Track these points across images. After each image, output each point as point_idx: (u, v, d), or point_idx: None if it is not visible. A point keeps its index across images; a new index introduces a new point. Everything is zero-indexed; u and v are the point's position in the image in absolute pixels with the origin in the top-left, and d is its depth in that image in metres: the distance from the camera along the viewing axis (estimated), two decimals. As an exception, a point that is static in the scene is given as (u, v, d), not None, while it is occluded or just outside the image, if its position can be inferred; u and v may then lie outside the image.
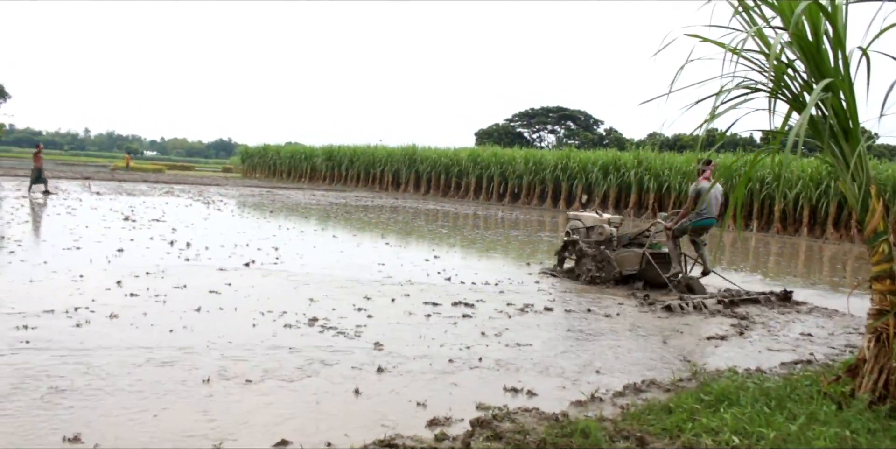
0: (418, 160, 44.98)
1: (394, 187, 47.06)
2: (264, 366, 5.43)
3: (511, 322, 7.64)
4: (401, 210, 27.58)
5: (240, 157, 74.35)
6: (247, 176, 66.63)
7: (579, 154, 36.12)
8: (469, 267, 11.80)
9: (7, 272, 8.78)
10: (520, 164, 37.77)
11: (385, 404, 4.73)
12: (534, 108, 79.07)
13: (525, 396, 5.07)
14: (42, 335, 5.94)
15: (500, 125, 79.63)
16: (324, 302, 8.02)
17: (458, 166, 41.84)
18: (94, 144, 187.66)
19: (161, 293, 7.96)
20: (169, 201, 24.48)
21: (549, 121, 78.52)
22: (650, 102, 5.10)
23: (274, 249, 12.53)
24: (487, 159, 39.94)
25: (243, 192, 35.67)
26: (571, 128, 78.04)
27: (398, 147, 48.10)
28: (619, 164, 33.22)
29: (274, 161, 63.28)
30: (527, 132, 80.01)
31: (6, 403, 4.33)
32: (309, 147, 59.67)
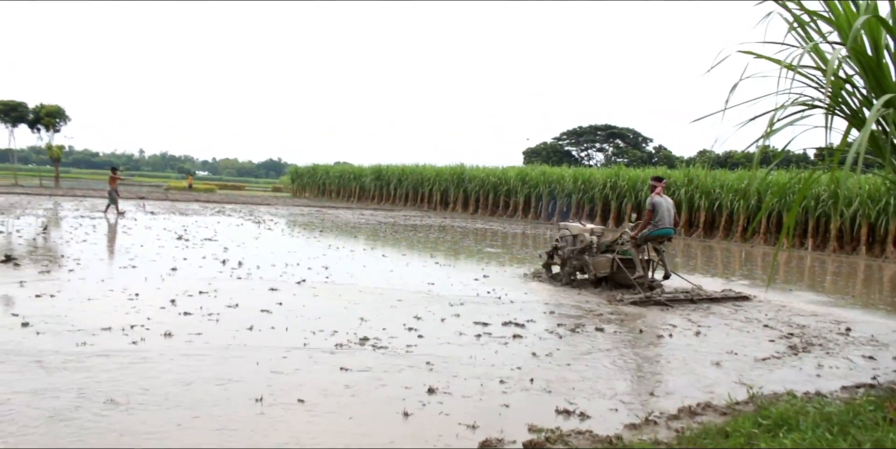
0: (466, 179, 45.04)
1: (442, 206, 47.16)
2: (315, 385, 5.45)
3: (562, 343, 7.55)
4: (449, 229, 27.60)
5: (289, 176, 75.40)
6: (296, 195, 67.43)
7: (628, 172, 35.81)
8: (519, 287, 11.71)
9: (66, 290, 8.97)
10: (568, 182, 37.57)
11: (435, 426, 4.70)
12: (582, 127, 78.84)
13: (577, 418, 5.00)
14: (100, 352, 6.04)
15: (549, 144, 79.49)
16: (374, 321, 8.03)
17: (506, 185, 41.79)
18: (148, 165, 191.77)
19: (214, 312, 8.06)
20: (220, 221, 24.84)
21: (598, 139, 78.16)
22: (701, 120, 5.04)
23: (324, 268, 12.61)
24: (536, 178, 39.81)
25: (293, 211, 36.04)
26: (620, 146, 77.54)
27: (446, 166, 48.25)
28: (669, 183, 32.82)
29: (323, 181, 63.97)
30: (575, 150, 79.71)
31: (68, 413, 4.41)
32: (358, 167, 60.21)
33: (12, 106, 53.25)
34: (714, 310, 10.37)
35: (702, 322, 9.24)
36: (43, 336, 6.56)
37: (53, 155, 56.71)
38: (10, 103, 53.28)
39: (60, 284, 9.39)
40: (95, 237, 16.19)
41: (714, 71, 5.08)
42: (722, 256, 22.38)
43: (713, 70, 5.08)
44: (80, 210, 26.19)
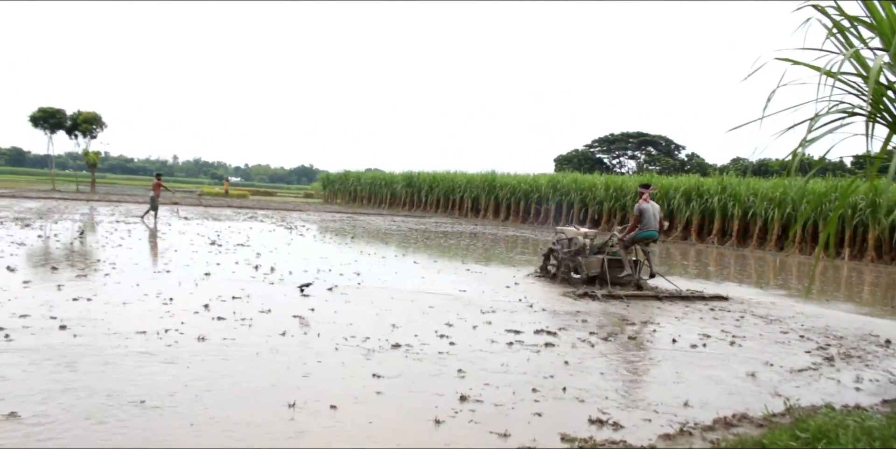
0: (497, 186, 45.02)
1: (473, 213, 47.17)
2: (347, 391, 5.45)
3: (595, 351, 7.49)
4: (480, 236, 27.57)
5: (321, 183, 75.87)
6: (328, 202, 67.83)
7: (661, 180, 35.59)
8: (551, 295, 11.65)
9: (102, 294, 9.09)
10: (600, 190, 37.39)
11: (466, 434, 4.68)
12: (613, 134, 78.45)
13: (610, 428, 4.95)
14: (134, 355, 6.11)
15: (580, 151, 79.20)
16: (406, 328, 8.03)
17: (537, 193, 41.69)
18: (181, 171, 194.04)
19: (247, 317, 8.11)
20: (253, 226, 25.03)
21: (630, 146, 77.73)
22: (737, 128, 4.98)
23: (356, 274, 12.65)
24: (567, 185, 39.69)
25: (325, 217, 36.22)
26: (652, 153, 77.02)
27: (477, 173, 48.28)
28: (702, 191, 32.55)
29: (354, 187, 64.29)
30: (606, 158, 79.34)
31: (101, 414, 4.46)
32: (389, 173, 60.43)
33: (51, 112, 54.20)
34: (749, 320, 10.23)
35: (736, 332, 9.12)
36: (80, 338, 6.64)
37: (90, 161, 57.58)
38: (49, 110, 54.25)
39: (97, 288, 9.51)
40: (130, 242, 16.39)
41: (751, 78, 5.01)
42: (756, 265, 22.12)
43: (749, 76, 5.02)
44: (116, 215, 26.54)
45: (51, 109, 54.22)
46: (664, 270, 16.97)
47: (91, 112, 55.19)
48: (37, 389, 5.09)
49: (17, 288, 9.18)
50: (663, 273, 14.48)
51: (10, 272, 10.52)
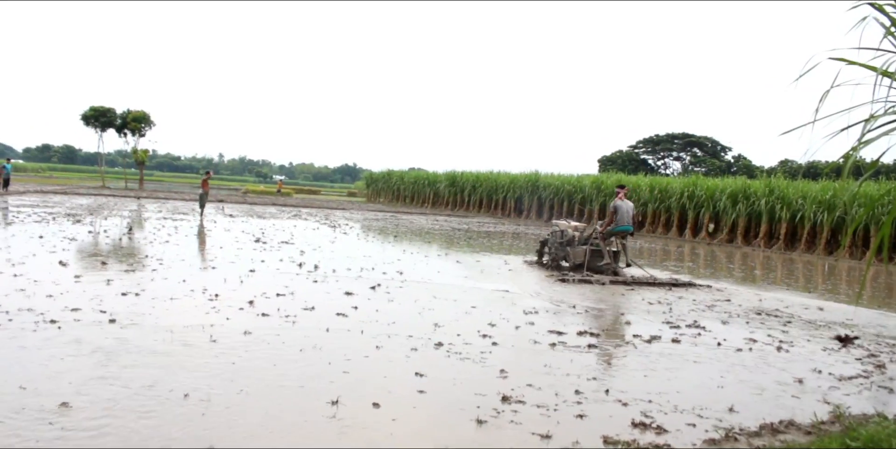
0: (541, 187, 44.86)
1: (516, 214, 47.07)
2: (390, 389, 5.47)
3: (638, 353, 7.43)
4: (523, 237, 27.48)
5: (364, 181, 76.30)
6: (371, 200, 68.18)
7: (706, 181, 35.13)
8: (593, 296, 11.57)
9: (150, 289, 9.24)
10: (644, 191, 37.05)
11: (508, 434, 4.66)
12: (658, 135, 77.68)
13: (653, 431, 4.89)
14: (180, 350, 6.20)
15: (624, 152, 78.57)
16: (449, 327, 8.04)
17: (580, 193, 41.45)
18: (227, 169, 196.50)
19: (291, 314, 8.18)
20: (297, 224, 25.25)
21: (675, 147, 76.88)
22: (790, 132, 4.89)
23: (399, 273, 12.69)
24: (611, 186, 39.36)
25: (368, 216, 36.42)
26: (698, 155, 76.10)
27: (521, 173, 48.18)
28: (749, 193, 32.03)
29: (398, 186, 64.53)
30: (651, 159, 78.60)
31: (147, 407, 4.53)
32: (432, 173, 60.55)
33: (102, 111, 55.28)
34: (797, 324, 10.05)
35: (783, 337, 8.96)
36: (128, 332, 6.78)
37: (138, 158, 58.64)
38: (100, 109, 55.33)
39: (144, 283, 9.67)
40: (177, 238, 16.65)
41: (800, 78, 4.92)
42: (804, 270, 21.72)
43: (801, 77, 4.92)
44: (163, 212, 26.99)
45: (102, 108, 55.32)
46: (709, 271, 16.78)
47: (140, 111, 56.20)
48: (86, 380, 5.20)
49: (68, 282, 9.38)
50: (649, 266, 16.47)
51: (62, 267, 10.75)
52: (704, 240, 33.03)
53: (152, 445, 4.10)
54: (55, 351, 5.99)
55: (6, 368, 5.44)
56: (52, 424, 4.30)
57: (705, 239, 33.16)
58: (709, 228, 34.00)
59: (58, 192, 39.45)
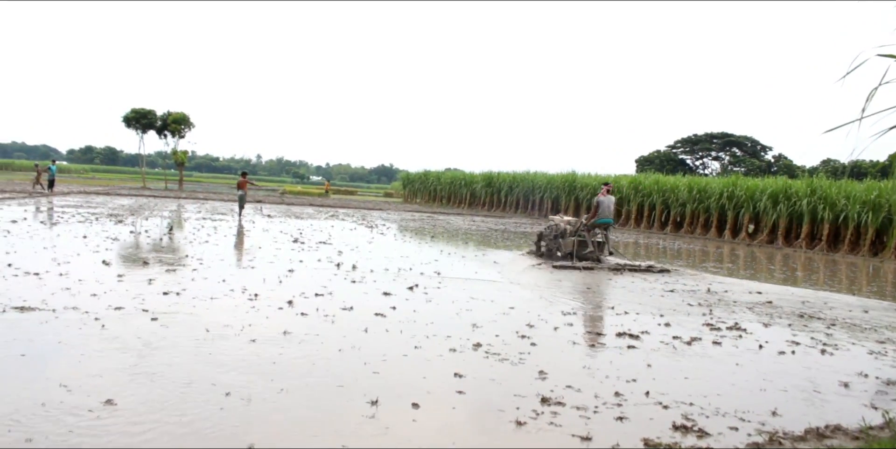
0: (578, 187, 44.62)
1: (553, 214, 46.85)
2: (429, 390, 5.47)
3: (678, 355, 7.35)
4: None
5: (401, 182, 76.54)
6: (407, 201, 68.34)
7: (746, 182, 34.66)
8: (633, 298, 11.47)
9: (191, 289, 9.35)
10: (683, 191, 36.68)
11: (548, 436, 4.63)
12: (697, 134, 76.93)
13: (695, 435, 4.83)
14: (221, 349, 6.27)
15: (662, 152, 77.93)
16: (487, 328, 8.02)
17: (618, 194, 41.16)
18: (264, 169, 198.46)
19: (330, 314, 8.23)
20: (334, 224, 25.40)
21: (714, 147, 76.07)
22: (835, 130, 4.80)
23: (436, 273, 12.71)
24: (649, 187, 39.08)
25: (405, 216, 36.51)
26: (737, 154, 75.23)
27: (558, 174, 47.99)
28: (790, 193, 31.51)
29: (434, 187, 64.61)
30: (689, 159, 77.84)
31: (187, 402, 4.58)
32: (469, 173, 60.54)
33: (143, 113, 56.13)
34: (841, 327, 9.87)
35: (827, 341, 8.80)
36: (169, 331, 6.86)
37: (178, 159, 59.46)
38: (141, 111, 56.19)
39: (185, 283, 9.79)
40: (216, 238, 16.84)
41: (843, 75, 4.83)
42: (847, 271, 21.33)
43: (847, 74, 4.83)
44: (202, 212, 27.31)
45: (143, 110, 56.19)
46: (749, 272, 16.53)
47: (180, 113, 56.99)
48: (129, 378, 5.28)
49: (111, 281, 9.53)
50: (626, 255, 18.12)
51: (105, 266, 10.93)
52: (744, 241, 32.61)
53: (195, 442, 4.14)
54: (99, 349, 6.09)
55: (51, 365, 5.54)
56: (98, 421, 4.36)
57: (745, 240, 32.74)
58: (748, 228, 33.56)
59: (100, 192, 40.14)
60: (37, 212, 22.64)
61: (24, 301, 7.83)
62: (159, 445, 4.08)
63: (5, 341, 6.13)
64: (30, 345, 6.09)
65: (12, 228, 16.21)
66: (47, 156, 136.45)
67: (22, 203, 26.67)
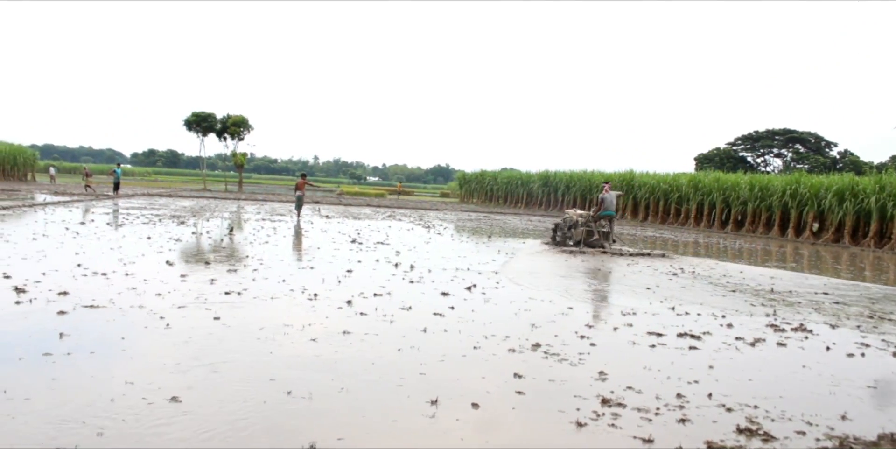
0: (636, 186, 44.11)
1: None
2: (489, 390, 5.46)
3: (742, 356, 7.20)
4: (617, 238, 27.06)
5: (457, 182, 76.58)
6: (464, 201, 68.37)
7: (810, 179, 33.82)
8: (693, 298, 11.29)
9: (251, 288, 9.49)
10: (744, 189, 35.96)
11: (608, 438, 4.58)
12: (758, 131, 75.34)
13: (760, 438, 4.73)
14: (282, 348, 6.34)
15: (722, 149, 76.51)
16: (545, 328, 7.98)
17: (677, 192, 40.57)
18: (321, 171, 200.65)
19: (388, 313, 8.28)
20: (392, 225, 25.55)
21: (776, 144, 74.45)
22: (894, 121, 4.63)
23: (494, 273, 12.68)
24: (709, 185, 38.42)
25: (461, 216, 36.54)
26: (800, 151, 73.49)
27: (615, 172, 47.53)
28: (857, 190, 30.62)
29: (490, 186, 64.54)
30: (750, 156, 76.30)
31: (250, 404, 4.65)
32: (525, 173, 60.34)
33: (203, 117, 57.26)
34: (911, 328, 9.57)
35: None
36: (231, 330, 6.98)
37: (238, 161, 60.48)
38: (202, 114, 57.33)
39: (246, 283, 9.94)
40: (276, 239, 17.07)
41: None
42: (918, 271, 20.65)
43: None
44: (262, 213, 27.73)
45: (203, 114, 57.32)
46: (815, 272, 16.13)
47: (239, 115, 57.98)
48: (193, 376, 5.38)
49: (175, 281, 9.73)
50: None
51: (168, 266, 11.18)
52: (808, 239, 31.84)
53: (257, 440, 4.19)
54: (163, 346, 6.23)
55: (118, 362, 5.68)
56: (164, 417, 4.45)
57: (809, 239, 31.97)
58: (813, 227, 32.76)
59: (163, 194, 41.05)
60: (103, 214, 23.25)
61: (92, 300, 8.05)
62: (222, 441, 4.15)
63: (76, 339, 6.31)
64: (98, 342, 6.27)
65: (81, 229, 16.68)
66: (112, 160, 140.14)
67: (89, 206, 27.42)
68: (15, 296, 8.09)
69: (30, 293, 8.30)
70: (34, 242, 13.57)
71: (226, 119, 57.78)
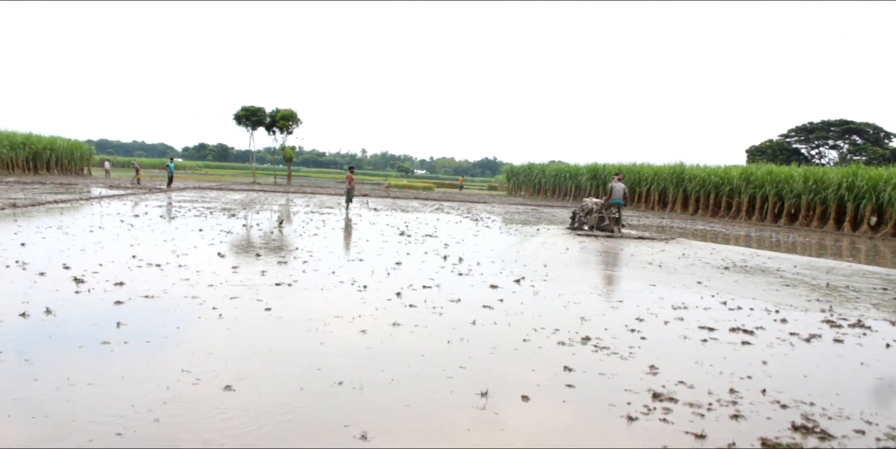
0: (686, 178, 43.49)
1: (660, 206, 45.89)
2: (538, 382, 5.44)
3: (796, 352, 7.06)
4: (668, 230, 26.74)
5: (505, 175, 76.34)
6: (512, 194, 68.17)
7: (868, 171, 32.93)
8: (745, 293, 11.09)
9: (302, 280, 9.59)
10: (798, 182, 35.18)
11: (660, 433, 4.53)
12: (813, 122, 73.74)
13: (817, 436, 4.62)
14: (332, 339, 6.40)
15: (775, 141, 75.10)
16: (595, 321, 7.92)
17: (728, 185, 39.89)
18: (369, 164, 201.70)
19: (437, 306, 8.29)
20: (440, 218, 25.60)
21: (831, 135, 72.79)
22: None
23: (543, 266, 12.63)
24: (762, 178, 37.66)
25: (509, 209, 36.46)
26: (857, 142, 71.74)
27: (665, 165, 46.89)
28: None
29: (538, 179, 64.20)
30: (804, 148, 74.75)
31: (301, 390, 4.70)
32: (573, 165, 59.85)
33: (252, 111, 57.92)
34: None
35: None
36: (282, 321, 7.06)
37: (286, 155, 61.07)
38: (251, 108, 58.00)
39: (296, 275, 10.04)
40: (325, 231, 17.22)
41: None
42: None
43: None
44: (311, 206, 28.00)
45: (252, 108, 57.99)
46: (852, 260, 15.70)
47: (288, 109, 58.53)
48: (245, 365, 5.47)
49: (227, 273, 9.88)
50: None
51: (220, 258, 11.34)
52: (865, 233, 31.06)
53: (309, 429, 4.24)
54: (216, 336, 6.33)
55: (173, 351, 5.78)
56: (218, 405, 4.52)
57: (866, 232, 31.18)
58: (871, 220, 31.97)
59: (213, 188, 41.66)
60: (156, 207, 23.69)
61: (147, 290, 8.21)
62: (275, 429, 4.20)
63: (132, 328, 6.45)
64: (153, 331, 6.39)
65: (135, 222, 17.02)
66: (165, 154, 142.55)
67: (142, 199, 27.97)
68: (74, 286, 8.30)
69: (88, 284, 8.50)
70: (91, 234, 13.88)
71: (275, 113, 58.37)
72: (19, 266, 9.51)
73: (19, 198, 23.20)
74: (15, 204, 20.06)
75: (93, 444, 3.88)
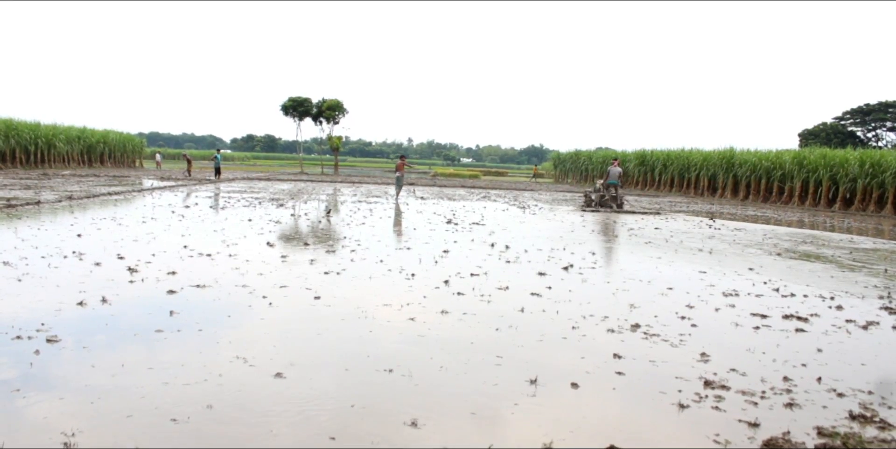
0: (736, 164, 42.76)
1: (710, 192, 45.23)
2: (588, 370, 5.41)
3: (852, 339, 6.91)
4: (717, 216, 26.33)
5: (552, 162, 75.91)
6: (558, 181, 67.76)
7: (927, 154, 32.02)
8: (799, 279, 10.87)
9: (350, 269, 9.66)
10: (853, 166, 34.33)
11: (712, 421, 4.47)
12: (869, 104, 71.93)
13: (875, 426, 4.51)
14: (381, 326, 6.43)
15: (829, 124, 73.41)
16: (645, 308, 7.84)
17: (780, 170, 39.10)
18: (415, 152, 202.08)
19: (485, 293, 8.28)
20: (486, 206, 25.56)
21: (889, 117, 70.87)
22: None
23: (591, 253, 12.53)
24: (815, 162, 36.83)
25: (556, 197, 36.25)
26: (917, 125, 69.74)
27: (714, 150, 46.17)
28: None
29: (585, 166, 63.77)
30: (860, 131, 72.95)
31: (351, 377, 4.73)
32: (621, 152, 59.30)
33: (299, 102, 58.37)
34: None
35: None
36: (332, 309, 7.13)
37: (333, 145, 61.49)
38: (298, 99, 58.45)
39: (344, 263, 10.11)
40: (372, 220, 17.30)
41: None
42: None
43: None
44: (358, 195, 28.15)
45: (299, 99, 58.44)
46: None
47: (334, 100, 58.86)
48: (297, 352, 5.54)
49: (276, 262, 9.99)
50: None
51: (269, 247, 11.47)
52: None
53: (360, 415, 4.27)
54: (267, 324, 6.41)
55: (225, 339, 5.86)
56: (271, 391, 4.59)
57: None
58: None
59: (261, 178, 42.14)
60: (206, 198, 24.03)
61: (199, 280, 8.34)
62: (327, 415, 4.24)
63: (185, 316, 6.56)
64: (205, 320, 6.50)
65: (186, 212, 17.29)
66: (213, 145, 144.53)
67: (192, 189, 28.40)
68: (128, 275, 8.47)
69: (141, 273, 8.66)
70: (144, 224, 14.14)
71: (321, 103, 58.78)
72: (76, 256, 9.73)
73: (75, 190, 23.74)
74: (71, 196, 20.54)
75: (148, 429, 3.96)
